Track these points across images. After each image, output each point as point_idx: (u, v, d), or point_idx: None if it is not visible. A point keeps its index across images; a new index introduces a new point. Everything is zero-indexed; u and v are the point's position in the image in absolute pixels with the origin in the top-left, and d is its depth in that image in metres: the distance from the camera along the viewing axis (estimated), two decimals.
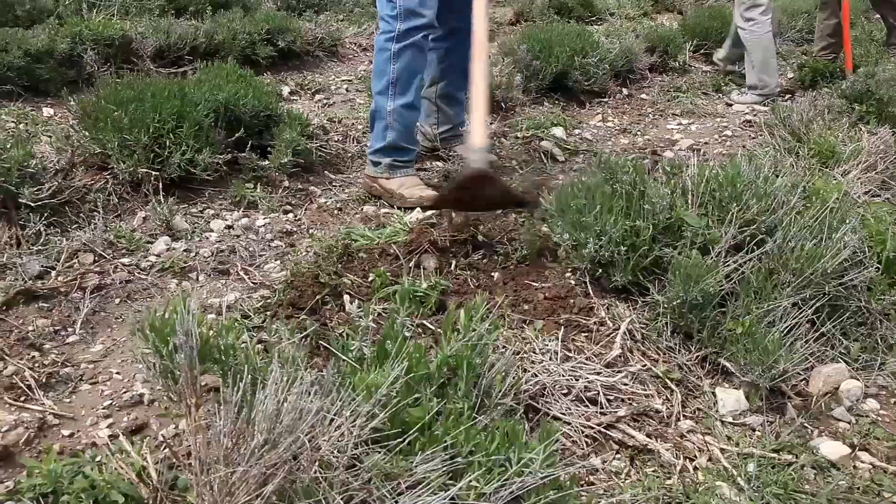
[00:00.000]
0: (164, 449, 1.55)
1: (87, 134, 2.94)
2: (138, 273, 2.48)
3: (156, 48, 4.42)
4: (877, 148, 3.35)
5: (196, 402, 1.37)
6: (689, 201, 2.36)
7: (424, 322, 2.14)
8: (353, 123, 4.00)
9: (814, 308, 2.17)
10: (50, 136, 3.13)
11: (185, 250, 2.65)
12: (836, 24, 5.47)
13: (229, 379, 1.38)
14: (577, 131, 4.30)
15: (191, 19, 5.03)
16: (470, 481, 1.35)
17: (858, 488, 1.78)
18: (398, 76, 3.02)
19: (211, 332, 1.54)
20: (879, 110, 3.95)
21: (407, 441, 1.43)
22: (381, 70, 3.07)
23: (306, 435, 1.23)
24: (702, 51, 6.05)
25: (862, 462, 1.89)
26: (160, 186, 2.88)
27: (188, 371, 1.35)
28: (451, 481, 1.37)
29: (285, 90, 4.52)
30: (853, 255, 2.27)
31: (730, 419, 1.99)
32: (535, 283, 2.35)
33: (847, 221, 2.32)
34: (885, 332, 2.27)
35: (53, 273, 2.39)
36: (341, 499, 1.25)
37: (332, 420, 1.37)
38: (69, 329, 2.19)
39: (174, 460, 1.48)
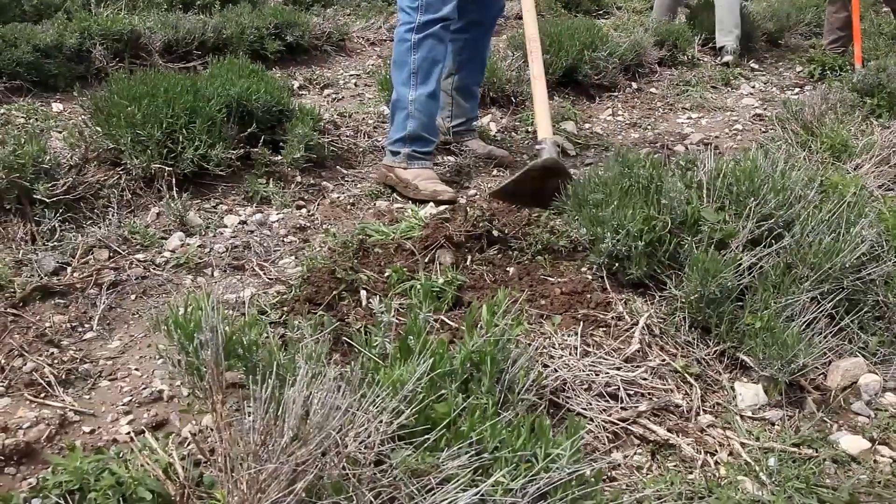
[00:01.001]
0: (189, 445, 1.55)
1: (99, 129, 2.94)
2: (153, 269, 2.48)
3: (164, 43, 4.42)
4: (889, 141, 3.34)
5: (222, 398, 1.37)
6: (706, 195, 2.35)
7: (442, 317, 2.13)
8: (363, 118, 3.99)
9: (832, 302, 2.16)
10: (61, 132, 3.13)
11: (199, 246, 2.64)
12: (846, 17, 5.45)
13: (254, 375, 1.38)
14: (587, 125, 4.29)
15: (199, 14, 5.03)
16: (497, 477, 1.35)
17: (879, 482, 1.78)
18: (419, 66, 3.04)
19: (232, 327, 1.54)
20: (891, 103, 3.94)
21: (433, 437, 1.43)
22: (401, 61, 3.08)
23: (337, 432, 1.23)
24: (710, 45, 6.02)
25: (882, 456, 1.89)
26: (173, 182, 2.88)
27: (214, 367, 1.35)
28: (478, 477, 1.37)
29: (294, 85, 4.51)
30: (871, 249, 2.26)
31: (749, 413, 1.99)
32: (550, 278, 2.35)
33: (864, 216, 2.31)
34: None
35: (69, 269, 2.39)
36: (371, 496, 1.25)
37: (358, 417, 1.37)
38: (86, 325, 2.19)
39: (200, 457, 1.48)
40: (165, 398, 1.88)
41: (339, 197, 3.15)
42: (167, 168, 2.87)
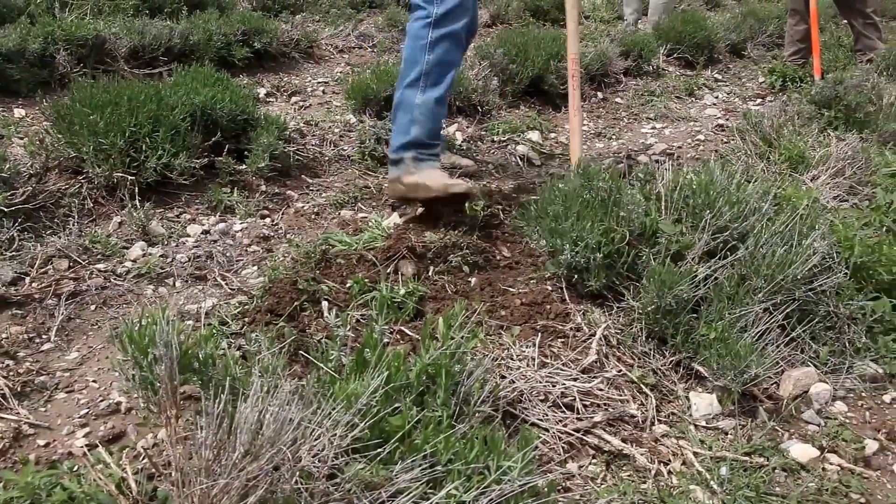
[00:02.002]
0: (143, 460, 1.55)
1: (61, 137, 2.92)
2: (114, 279, 2.47)
3: (130, 49, 4.38)
4: (844, 153, 3.42)
5: (176, 413, 1.38)
6: (664, 208, 2.40)
7: (403, 329, 2.15)
8: (329, 127, 4.00)
9: (784, 313, 2.22)
10: (22, 139, 3.10)
11: (161, 256, 2.63)
12: (806, 29, 5.56)
13: (209, 390, 1.39)
14: (552, 135, 4.33)
15: (166, 20, 5.00)
16: (449, 490, 1.37)
17: (827, 490, 1.83)
18: (431, 68, 2.78)
19: (189, 340, 1.54)
20: (847, 116, 4.02)
21: (387, 450, 1.44)
22: (413, 59, 2.81)
23: (288, 447, 1.24)
24: (675, 55, 6.11)
25: (830, 464, 1.93)
26: (136, 191, 2.86)
27: (168, 382, 1.36)
28: (431, 490, 1.38)
29: (261, 92, 4.51)
30: (822, 260, 2.32)
31: (703, 423, 2.03)
32: (511, 289, 2.38)
33: (816, 228, 2.37)
34: (853, 336, 2.32)
35: (27, 279, 2.37)
36: None
37: (312, 430, 1.38)
38: (44, 336, 2.17)
39: (154, 471, 1.48)
40: (123, 410, 1.87)
41: (303, 206, 3.15)
42: (130, 177, 2.85)
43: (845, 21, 6.17)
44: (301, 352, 1.89)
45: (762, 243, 2.29)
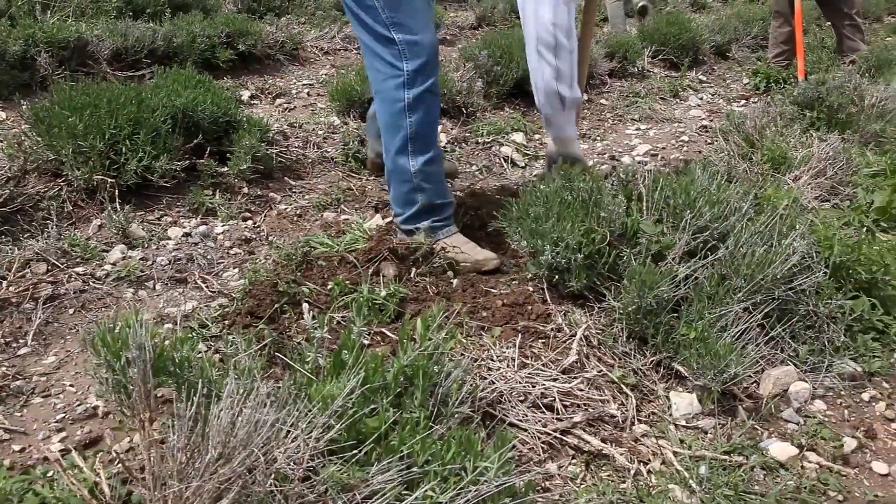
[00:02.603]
0: (118, 464, 1.54)
1: (40, 140, 2.90)
2: (93, 282, 2.45)
3: (113, 51, 4.35)
4: (826, 154, 3.44)
5: (150, 416, 1.37)
6: (645, 208, 2.40)
7: (383, 330, 2.15)
8: (313, 129, 3.99)
9: (764, 312, 2.22)
10: (1, 141, 3.07)
11: (141, 258, 2.62)
12: (789, 31, 5.59)
13: (184, 392, 1.38)
14: (537, 136, 4.33)
15: (149, 22, 4.97)
16: (426, 491, 1.36)
17: (805, 488, 1.83)
18: (416, 131, 2.51)
19: (166, 342, 1.53)
20: (829, 117, 4.04)
21: (363, 451, 1.44)
22: (394, 125, 2.53)
23: (261, 449, 1.24)
24: (660, 56, 6.13)
25: (809, 462, 1.94)
26: (116, 194, 2.85)
27: (141, 385, 1.35)
28: (406, 491, 1.38)
29: (245, 94, 4.49)
30: (802, 260, 2.33)
31: (683, 422, 2.03)
32: (493, 290, 2.38)
33: (796, 227, 2.38)
34: (832, 335, 2.32)
35: (4, 283, 2.35)
36: None
37: (287, 432, 1.37)
38: (20, 341, 2.16)
39: (128, 475, 1.47)
40: (100, 414, 1.86)
41: (286, 208, 3.14)
42: (110, 179, 2.84)
43: (829, 23, 6.21)
44: (278, 354, 1.88)
45: (742, 243, 2.29)
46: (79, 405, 1.89)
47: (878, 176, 3.41)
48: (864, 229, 2.92)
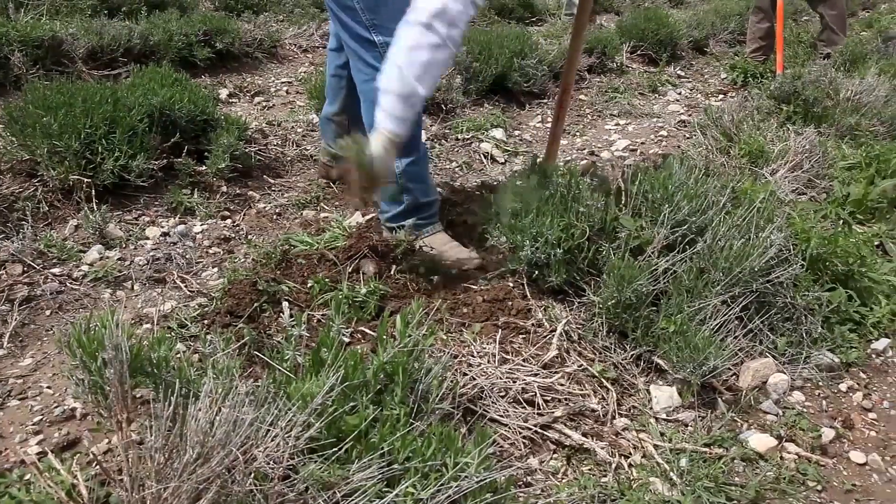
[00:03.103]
0: (96, 465, 1.52)
1: (14, 140, 2.86)
2: (70, 283, 2.42)
3: (88, 50, 4.31)
4: (803, 147, 3.47)
5: (127, 417, 1.35)
6: (623, 203, 2.41)
7: (364, 328, 2.14)
8: (292, 127, 3.97)
9: (742, 305, 2.24)
10: None
11: (119, 259, 2.60)
12: (768, 27, 5.61)
13: (161, 393, 1.37)
14: (516, 132, 4.34)
15: (124, 20, 4.92)
16: (406, 487, 1.36)
17: (785, 479, 1.85)
18: None
19: (143, 343, 1.52)
20: (806, 111, 4.08)
21: (343, 449, 1.43)
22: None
23: (239, 448, 1.23)
24: (638, 52, 6.16)
25: (788, 453, 1.96)
26: (93, 194, 2.82)
27: (118, 386, 1.33)
28: (387, 488, 1.38)
29: (224, 93, 4.46)
30: (779, 252, 2.35)
31: (663, 416, 2.04)
32: (474, 286, 2.38)
33: (773, 221, 2.40)
34: (810, 327, 2.35)
35: None
36: None
37: (267, 431, 1.36)
38: None
39: (106, 477, 1.45)
40: (78, 416, 1.84)
41: (265, 207, 3.13)
42: (86, 179, 2.81)
43: (806, 17, 6.22)
44: (258, 353, 1.87)
45: (720, 236, 2.31)
46: (56, 407, 1.87)
47: (853, 169, 3.45)
48: (841, 222, 2.94)
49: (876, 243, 2.97)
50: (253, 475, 1.32)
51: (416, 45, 2.04)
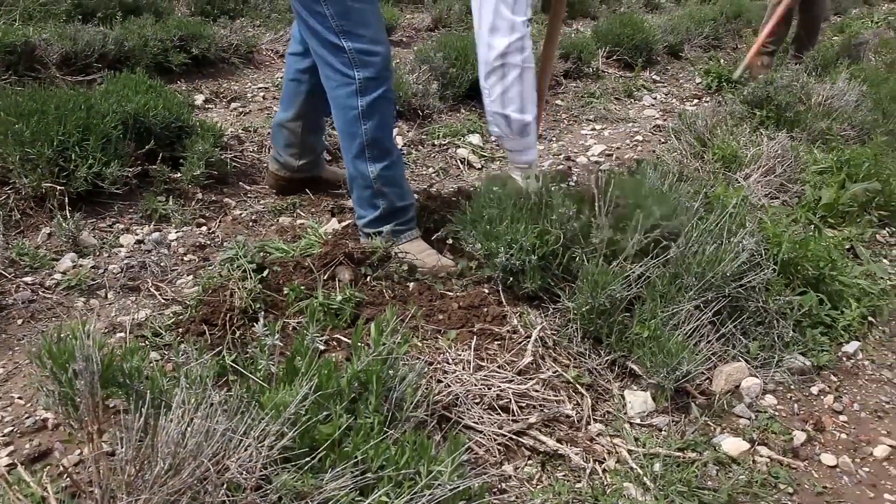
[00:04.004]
0: (66, 477, 1.51)
1: None
2: (42, 292, 2.40)
3: (62, 55, 4.27)
4: (775, 152, 3.52)
5: (98, 428, 1.35)
6: (597, 209, 2.42)
7: (339, 335, 2.14)
8: (269, 133, 3.95)
9: (715, 310, 2.26)
10: None
11: (92, 267, 2.57)
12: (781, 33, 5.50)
13: (133, 403, 1.36)
14: (493, 138, 4.35)
15: (99, 25, 4.87)
16: (380, 496, 1.36)
17: (757, 482, 1.87)
18: (372, 137, 2.50)
19: (116, 353, 1.51)
20: (778, 115, 4.13)
21: (317, 458, 1.43)
22: (349, 132, 2.52)
23: (210, 459, 1.23)
24: (614, 57, 6.20)
25: (760, 456, 1.98)
26: (66, 201, 2.79)
27: (89, 398, 1.33)
28: (360, 497, 1.38)
29: (200, 98, 4.44)
30: (751, 257, 2.38)
31: (638, 420, 2.06)
32: (449, 293, 2.38)
33: (745, 226, 2.43)
34: (782, 331, 2.38)
35: None
36: None
37: (240, 441, 1.36)
38: None
39: (76, 489, 1.44)
40: (50, 427, 1.83)
41: (241, 213, 3.11)
42: (59, 187, 2.78)
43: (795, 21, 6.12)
44: (231, 362, 1.86)
45: (693, 241, 2.33)
46: (28, 418, 1.85)
47: (825, 173, 3.50)
48: (812, 226, 2.98)
49: (847, 247, 3.01)
50: (225, 486, 1.32)
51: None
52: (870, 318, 2.62)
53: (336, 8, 2.40)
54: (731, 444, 1.99)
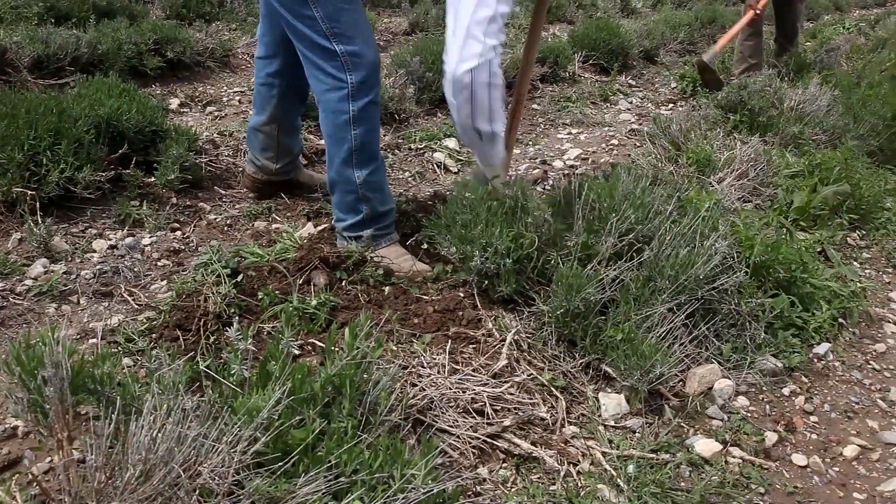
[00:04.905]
0: (36, 485, 1.49)
1: None
2: (13, 298, 2.37)
3: (34, 59, 4.23)
4: (748, 156, 3.55)
5: (68, 435, 1.33)
6: (572, 213, 2.44)
7: (314, 340, 2.13)
8: (244, 137, 3.93)
9: (688, 312, 2.29)
10: None
11: (64, 272, 2.55)
12: (756, 43, 5.48)
13: (104, 410, 1.35)
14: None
15: (72, 28, 4.84)
16: (353, 500, 1.36)
17: (729, 482, 1.89)
18: (361, 143, 2.50)
19: (86, 359, 1.50)
20: (751, 120, 4.18)
21: (290, 463, 1.43)
22: (338, 137, 2.51)
23: (181, 465, 1.22)
24: (590, 61, 6.24)
25: (733, 457, 2.00)
26: (37, 206, 2.76)
27: (59, 404, 1.31)
28: (334, 501, 1.38)
29: (175, 102, 4.41)
30: (724, 260, 2.40)
31: (612, 423, 2.07)
32: (425, 297, 2.38)
33: (718, 229, 2.45)
34: (754, 333, 2.40)
35: None
36: None
37: (212, 446, 1.35)
38: None
39: (46, 497, 1.43)
40: (20, 434, 1.80)
41: (216, 218, 3.10)
42: (30, 192, 2.75)
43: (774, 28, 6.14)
44: (204, 367, 1.85)
45: (666, 245, 2.35)
46: None
47: (797, 177, 3.54)
48: (784, 229, 3.02)
49: (818, 250, 3.05)
50: (197, 491, 1.31)
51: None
52: (840, 320, 2.66)
53: (326, 10, 2.39)
54: (704, 446, 2.01)
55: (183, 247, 2.84)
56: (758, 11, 5.20)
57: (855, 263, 3.17)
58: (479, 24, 2.34)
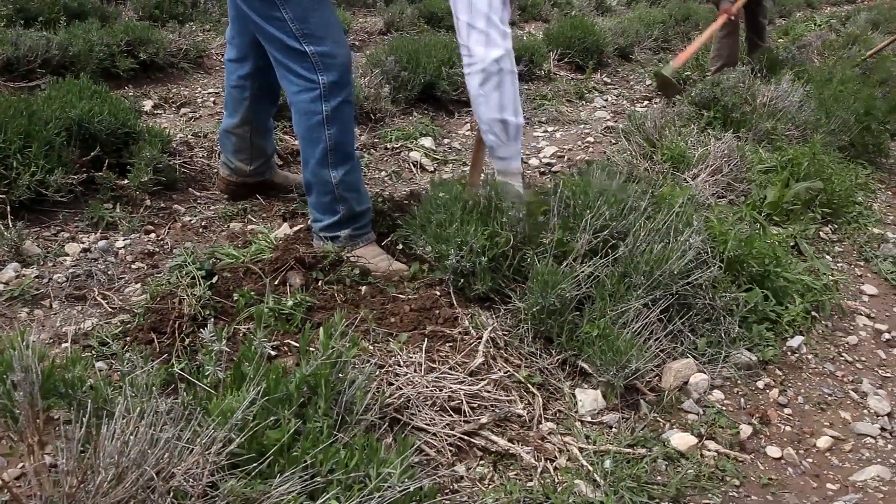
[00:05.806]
0: (6, 492, 1.47)
1: None
2: None
3: (3, 61, 4.17)
4: (722, 152, 3.59)
5: (39, 440, 1.32)
6: (547, 210, 2.45)
7: (290, 340, 2.13)
8: (218, 138, 3.91)
9: (663, 307, 2.30)
10: None
11: (36, 276, 2.52)
12: (732, 41, 5.54)
13: (76, 413, 1.34)
14: (446, 141, 4.37)
15: (42, 30, 4.78)
16: (328, 500, 1.36)
17: (705, 475, 1.91)
18: (336, 143, 2.49)
19: (57, 363, 1.48)
20: (725, 116, 4.22)
21: (266, 463, 1.42)
22: (312, 138, 2.50)
23: (153, 468, 1.21)
24: (566, 59, 6.26)
25: (708, 450, 2.02)
26: (8, 210, 2.72)
27: (29, 409, 1.30)
28: (309, 501, 1.37)
29: (148, 104, 4.37)
30: (698, 255, 2.42)
31: (588, 418, 2.08)
32: (401, 296, 2.38)
33: (692, 224, 2.47)
34: (728, 327, 2.43)
35: None
36: None
37: (187, 448, 1.34)
38: None
39: (17, 503, 1.41)
40: None
41: (190, 220, 3.07)
42: (0, 196, 2.72)
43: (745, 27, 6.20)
44: (179, 369, 1.84)
45: (641, 241, 2.37)
46: None
47: (770, 172, 3.58)
48: (757, 224, 3.05)
49: (791, 244, 3.09)
50: (172, 493, 1.30)
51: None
52: (813, 313, 2.69)
53: (295, 12, 2.38)
54: (680, 439, 2.03)
55: (157, 249, 2.81)
56: (732, 18, 5.26)
57: (827, 257, 3.21)
58: (495, 11, 2.41)
